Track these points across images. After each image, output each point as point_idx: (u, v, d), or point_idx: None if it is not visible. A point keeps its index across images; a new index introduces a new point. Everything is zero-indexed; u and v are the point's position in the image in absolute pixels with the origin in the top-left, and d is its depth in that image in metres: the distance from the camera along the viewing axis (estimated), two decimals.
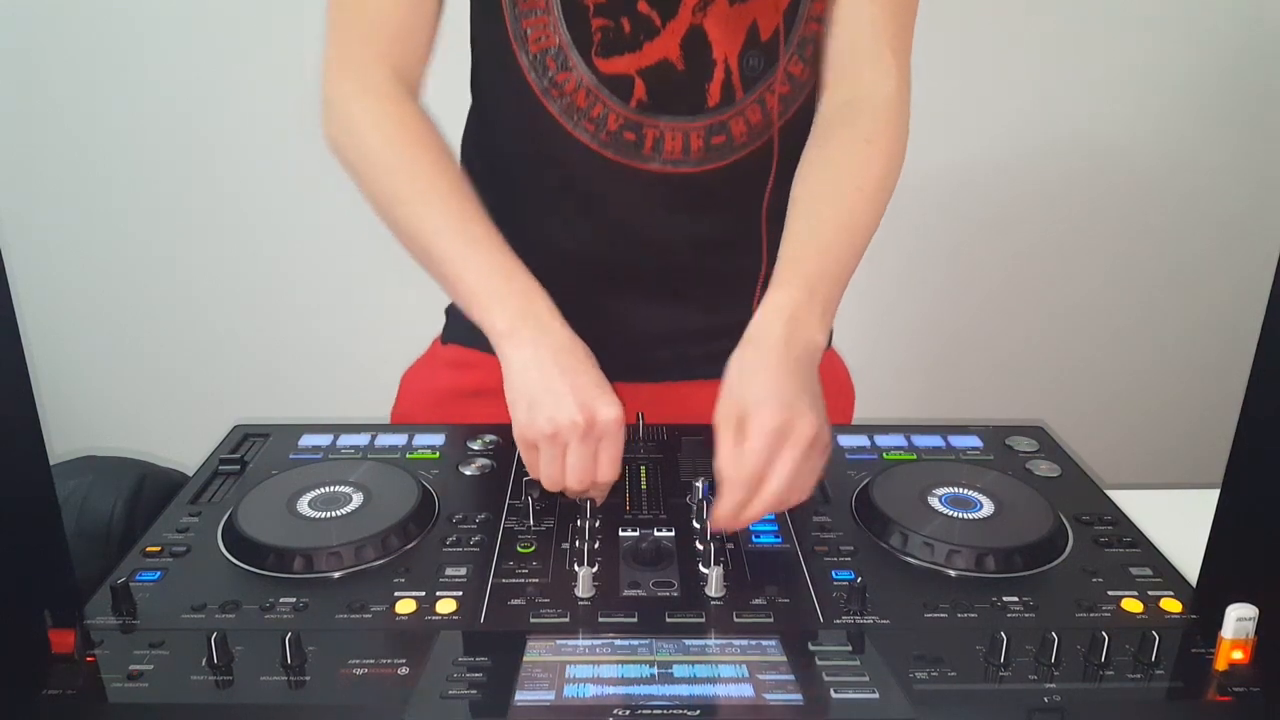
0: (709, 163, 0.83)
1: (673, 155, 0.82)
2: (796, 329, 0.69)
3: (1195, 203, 1.79)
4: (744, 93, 0.81)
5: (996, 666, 0.56)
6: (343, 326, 1.79)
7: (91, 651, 0.57)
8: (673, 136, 0.81)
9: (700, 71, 0.80)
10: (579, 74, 0.79)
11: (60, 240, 1.74)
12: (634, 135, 0.81)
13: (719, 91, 0.80)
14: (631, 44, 0.78)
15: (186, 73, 1.62)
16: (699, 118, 0.81)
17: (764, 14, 0.79)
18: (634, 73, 0.79)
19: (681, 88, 0.80)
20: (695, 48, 0.79)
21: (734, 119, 0.82)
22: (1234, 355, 1.05)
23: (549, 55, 0.79)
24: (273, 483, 0.75)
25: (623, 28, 0.78)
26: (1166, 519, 0.73)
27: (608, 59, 0.79)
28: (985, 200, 1.75)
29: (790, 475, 0.64)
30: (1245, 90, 1.72)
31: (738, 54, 0.80)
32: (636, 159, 0.82)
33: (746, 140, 0.83)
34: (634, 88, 0.80)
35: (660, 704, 0.53)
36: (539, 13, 0.78)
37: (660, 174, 0.83)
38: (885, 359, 1.84)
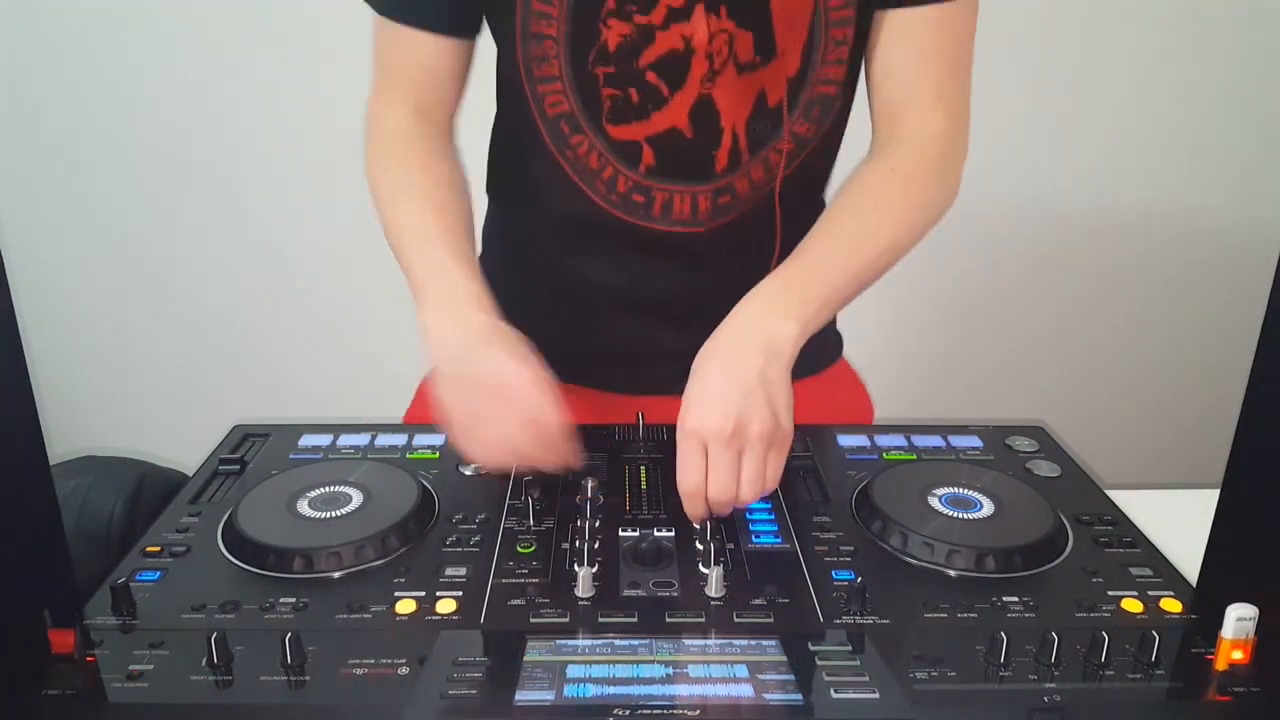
0: (715, 220, 0.84)
1: (681, 217, 0.84)
2: (761, 319, 0.70)
3: (1195, 203, 1.79)
4: (750, 156, 0.82)
5: (996, 666, 0.56)
6: (343, 326, 1.79)
7: (91, 651, 0.57)
8: (681, 199, 0.83)
9: (708, 139, 0.81)
10: (591, 138, 0.81)
11: (60, 240, 1.74)
12: (643, 198, 0.83)
13: (726, 158, 0.82)
14: (640, 113, 0.80)
15: (187, 73, 1.62)
16: (706, 182, 0.83)
17: (771, 82, 0.80)
18: (643, 139, 0.81)
19: (689, 155, 0.81)
20: (703, 116, 0.80)
21: (738, 179, 0.83)
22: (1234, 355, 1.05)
23: (563, 120, 0.81)
24: (273, 483, 0.75)
25: (631, 97, 0.79)
26: (1166, 519, 0.73)
27: (618, 126, 0.80)
28: (986, 201, 1.75)
29: (737, 479, 0.68)
30: (1245, 92, 1.72)
31: (745, 121, 0.81)
32: (645, 219, 0.84)
33: (749, 196, 0.84)
34: (643, 153, 0.81)
35: (660, 704, 0.53)
36: (553, 79, 0.79)
37: (669, 232, 0.85)
38: (885, 359, 1.84)
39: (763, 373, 0.68)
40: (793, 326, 0.70)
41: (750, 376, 0.68)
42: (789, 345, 0.70)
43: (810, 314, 0.71)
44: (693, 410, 0.68)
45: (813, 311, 0.72)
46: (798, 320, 0.70)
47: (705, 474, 0.68)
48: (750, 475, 0.68)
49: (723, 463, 0.67)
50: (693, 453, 0.68)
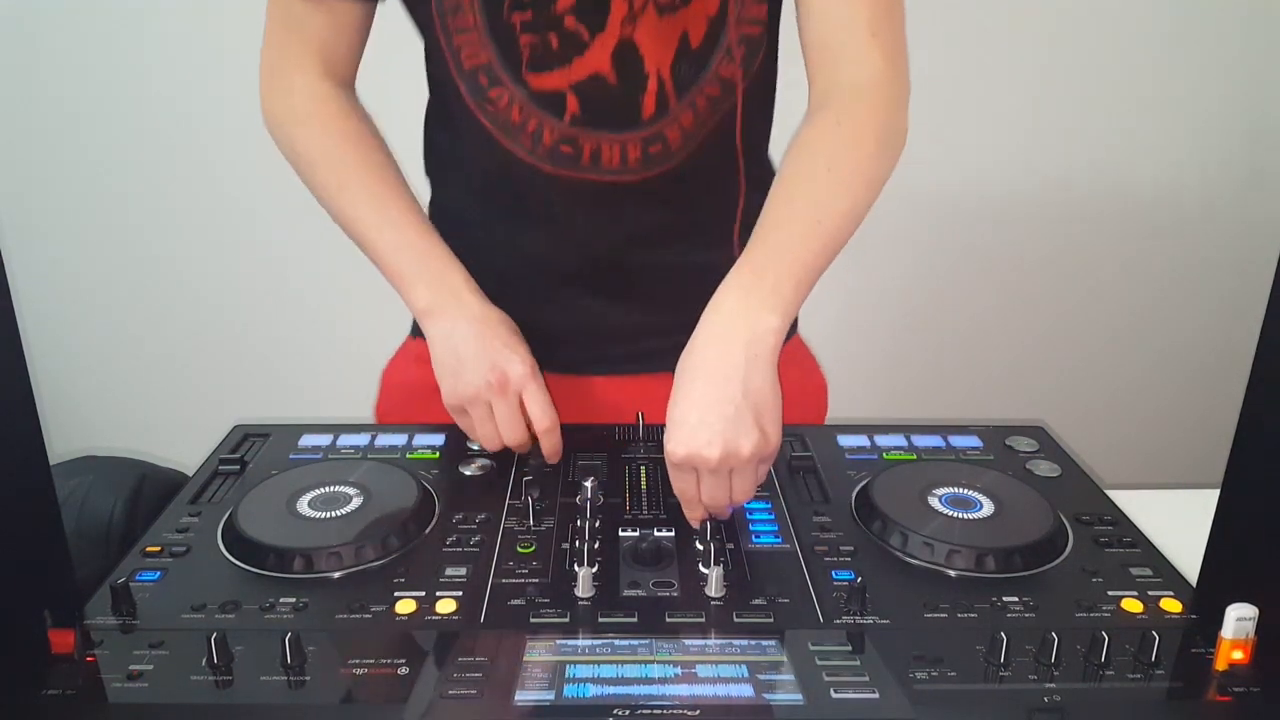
0: (648, 170, 0.83)
1: (611, 165, 0.82)
2: (739, 315, 0.68)
3: (1195, 203, 1.79)
4: (677, 100, 0.81)
5: (996, 666, 0.56)
6: (343, 327, 1.78)
7: (91, 651, 0.57)
8: (610, 148, 0.81)
9: (633, 84, 0.79)
10: (511, 90, 0.79)
11: (60, 240, 1.74)
12: (570, 149, 0.81)
13: (653, 102, 0.80)
14: (561, 59, 0.78)
15: (186, 72, 1.62)
16: (635, 129, 0.81)
17: (693, 23, 0.78)
18: (566, 88, 0.79)
19: (615, 101, 0.80)
20: (626, 61, 0.78)
21: (668, 126, 0.81)
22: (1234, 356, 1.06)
23: (480, 72, 0.79)
24: (273, 483, 0.75)
25: (550, 43, 0.77)
26: (1166, 519, 0.73)
27: (538, 75, 0.78)
28: (986, 201, 1.75)
29: (729, 492, 0.69)
30: (1246, 93, 1.72)
31: (670, 65, 0.79)
32: (575, 170, 0.82)
33: (682, 145, 0.82)
34: (567, 102, 0.79)
35: (660, 704, 0.53)
36: (468, 30, 0.78)
37: (600, 183, 0.83)
38: (886, 359, 1.84)
39: (747, 382, 0.66)
40: (773, 317, 0.68)
41: (735, 392, 0.66)
42: (771, 338, 0.68)
43: (788, 299, 0.69)
44: (678, 439, 0.66)
45: (789, 296, 0.69)
46: (776, 310, 0.68)
47: (698, 489, 0.68)
48: (743, 489, 0.69)
49: (714, 484, 0.68)
50: (684, 478, 0.69)
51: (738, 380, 0.66)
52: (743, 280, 0.70)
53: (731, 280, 0.71)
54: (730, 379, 0.66)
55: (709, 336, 0.69)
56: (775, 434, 0.68)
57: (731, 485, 0.68)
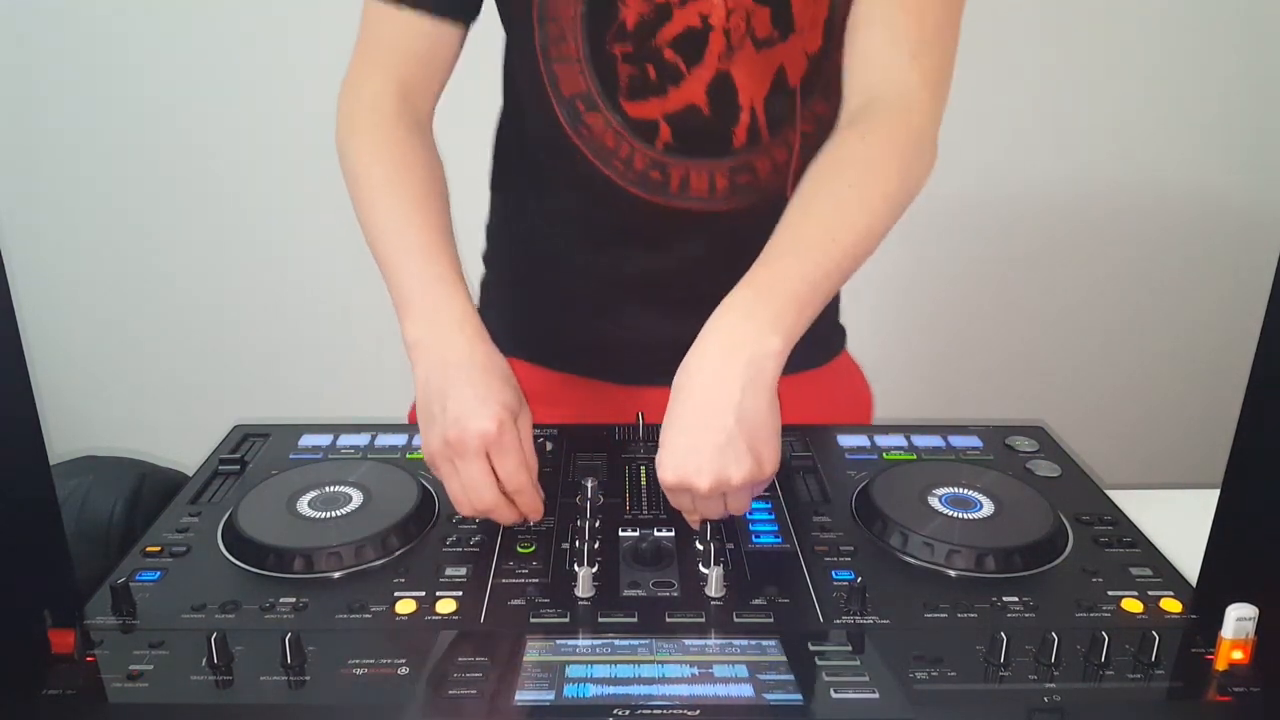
0: (734, 200, 0.84)
1: (699, 193, 0.83)
2: (738, 336, 0.65)
3: (1195, 203, 1.79)
4: (769, 135, 0.82)
5: (996, 666, 0.56)
6: (343, 327, 1.79)
7: (91, 651, 0.57)
8: (698, 175, 0.82)
9: (726, 116, 0.80)
10: (607, 116, 0.81)
11: (60, 240, 1.74)
12: (660, 175, 0.82)
13: (744, 134, 0.81)
14: (658, 90, 0.79)
15: (187, 73, 1.62)
16: (724, 158, 0.82)
17: (791, 59, 0.79)
18: (660, 117, 0.80)
19: (707, 131, 0.81)
20: (721, 94, 0.79)
21: (759, 158, 0.82)
22: (1234, 356, 1.05)
23: (579, 99, 0.80)
24: (273, 483, 0.75)
25: (649, 74, 0.79)
26: (1166, 519, 0.73)
27: (634, 103, 0.80)
28: (986, 201, 1.75)
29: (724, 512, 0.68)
30: (1246, 94, 1.72)
31: (764, 99, 0.80)
32: (663, 196, 0.83)
33: (772, 177, 0.83)
34: (659, 131, 0.80)
35: (660, 704, 0.53)
36: (569, 60, 0.79)
37: (687, 210, 0.83)
38: (886, 359, 1.83)
39: (742, 407, 0.63)
40: (774, 340, 0.64)
41: (728, 418, 0.63)
42: (771, 362, 0.64)
43: (790, 322, 0.65)
44: (668, 465, 0.64)
45: (792, 318, 0.66)
46: (777, 332, 0.64)
47: (694, 505, 0.68)
48: (737, 508, 0.68)
49: (708, 505, 0.67)
50: (677, 497, 0.68)
51: (731, 407, 0.63)
52: (747, 297, 0.67)
53: (735, 297, 0.67)
54: (724, 405, 0.63)
55: (707, 354, 0.65)
56: (770, 461, 0.65)
57: (727, 504, 0.67)
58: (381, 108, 0.80)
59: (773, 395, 0.65)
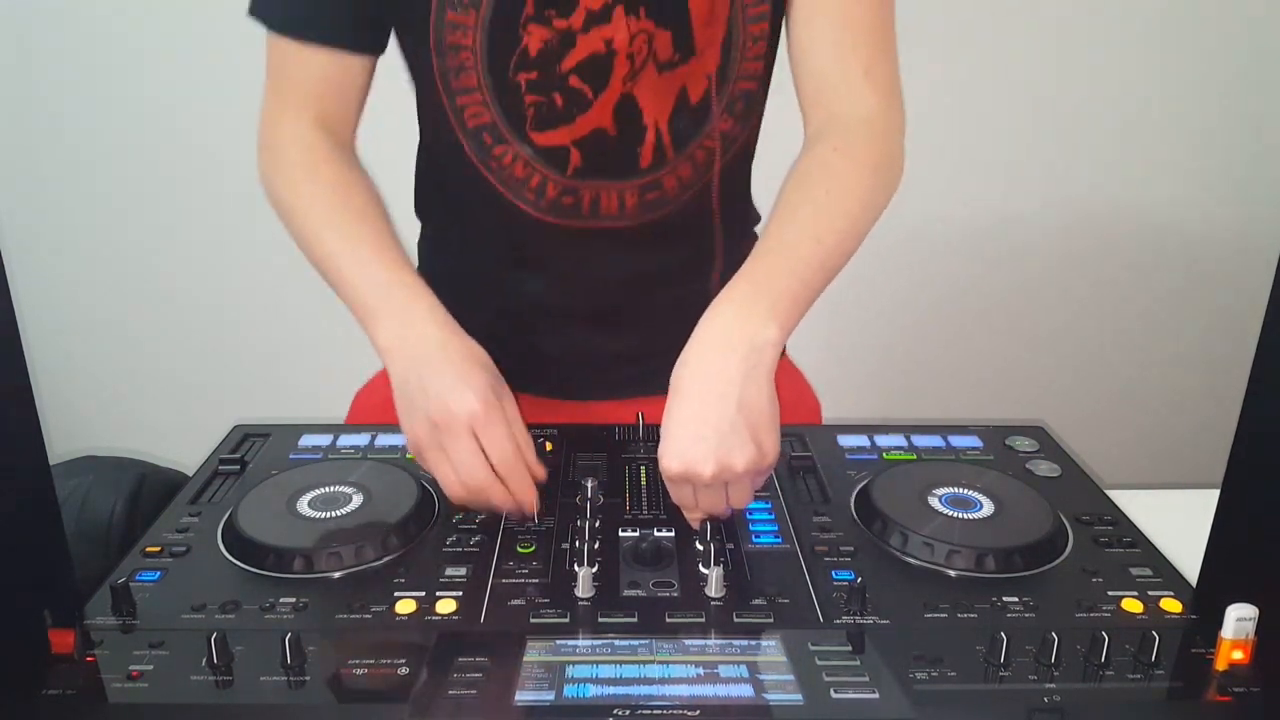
0: (646, 216, 0.84)
1: (609, 213, 0.84)
2: (737, 326, 0.66)
3: (1196, 204, 1.79)
4: (675, 153, 0.82)
5: (996, 666, 0.56)
6: (343, 326, 1.78)
7: (91, 651, 0.57)
8: (608, 196, 0.83)
9: (632, 137, 0.81)
10: (515, 148, 0.80)
11: (60, 240, 1.74)
12: (572, 199, 0.83)
13: (650, 154, 0.82)
14: (565, 117, 0.79)
15: (186, 72, 1.62)
16: (631, 178, 0.82)
17: (693, 79, 0.80)
18: (569, 143, 0.80)
19: (614, 153, 0.81)
20: (626, 115, 0.80)
21: (666, 176, 0.83)
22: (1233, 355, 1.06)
23: (485, 131, 0.80)
24: (273, 483, 0.75)
25: (555, 102, 0.79)
26: (1166, 519, 0.73)
27: (542, 133, 0.80)
28: (986, 202, 1.75)
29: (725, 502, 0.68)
30: (1246, 95, 1.72)
31: (668, 118, 0.81)
32: (576, 219, 0.84)
33: (679, 193, 0.84)
34: (569, 157, 0.81)
35: (660, 704, 0.53)
36: (472, 90, 0.79)
37: (600, 229, 0.84)
38: (886, 359, 1.84)
39: (743, 395, 0.64)
40: (771, 329, 0.66)
41: (730, 406, 0.64)
42: (770, 350, 0.66)
43: (785, 313, 0.68)
44: (672, 453, 0.65)
45: (786, 310, 0.68)
46: (774, 322, 0.67)
47: (695, 498, 0.68)
48: (739, 499, 0.68)
49: (710, 496, 0.67)
50: (680, 488, 0.68)
51: (734, 394, 0.64)
52: (741, 292, 0.69)
53: (729, 292, 0.69)
54: (726, 393, 0.64)
55: (705, 347, 0.67)
56: (772, 448, 0.66)
57: (728, 495, 0.68)
58: (305, 139, 0.80)
59: (771, 384, 0.67)
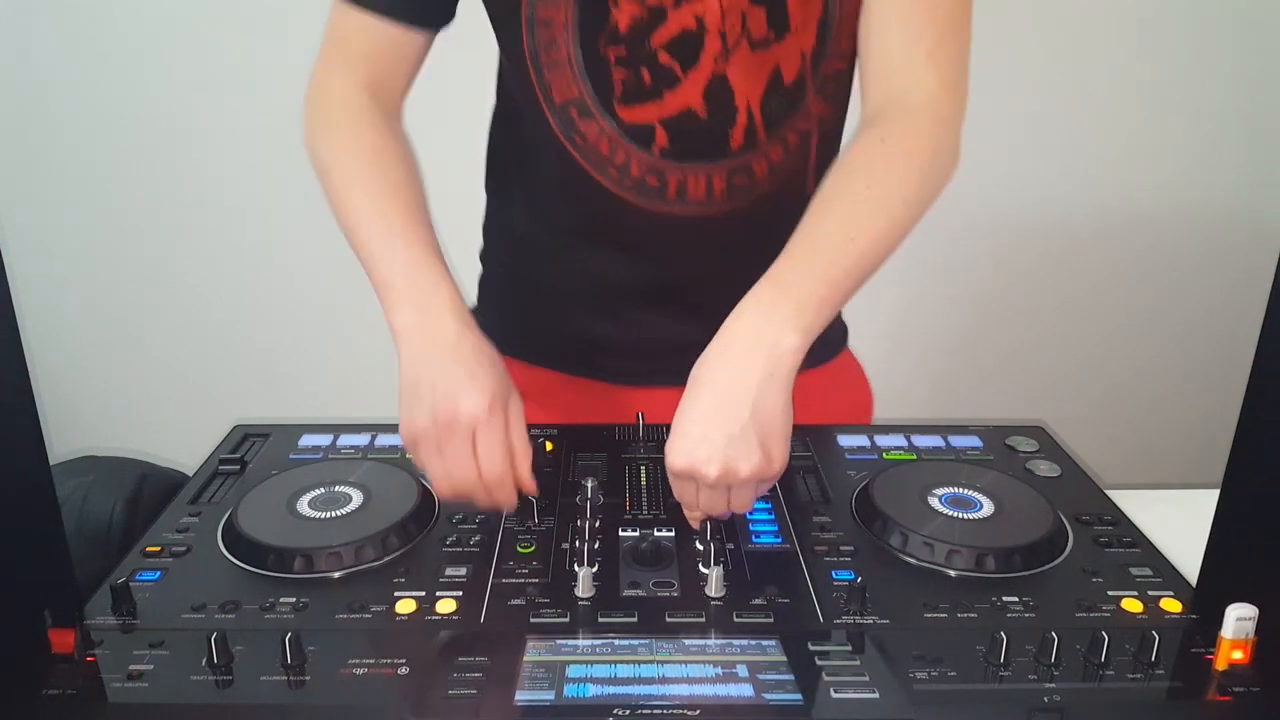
0: (732, 202, 0.83)
1: (696, 197, 0.82)
2: (759, 331, 0.66)
3: (1195, 203, 1.79)
4: (766, 135, 0.81)
5: (996, 666, 0.56)
6: (343, 326, 1.79)
7: (91, 651, 0.57)
8: (695, 180, 0.81)
9: (723, 118, 0.79)
10: (601, 123, 0.79)
11: (60, 240, 1.74)
12: (657, 181, 0.81)
13: (742, 136, 0.80)
14: (653, 94, 0.78)
15: (186, 73, 1.62)
16: (721, 161, 0.81)
17: (787, 58, 0.78)
18: (656, 121, 0.79)
19: (704, 135, 0.80)
20: (717, 96, 0.78)
21: (756, 159, 0.82)
22: (1234, 355, 1.05)
23: (572, 105, 0.79)
24: (273, 483, 0.75)
25: (643, 78, 0.78)
26: (1166, 519, 0.73)
27: (630, 108, 0.79)
28: (985, 201, 1.75)
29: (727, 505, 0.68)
30: (1245, 92, 1.72)
31: (760, 99, 0.79)
32: (660, 203, 0.82)
33: (767, 179, 0.83)
34: (656, 136, 0.80)
35: (660, 704, 0.53)
36: (561, 65, 0.78)
37: (685, 216, 0.83)
38: (885, 359, 1.83)
39: (758, 402, 0.64)
40: (794, 336, 0.65)
41: (743, 411, 0.64)
42: (789, 358, 0.65)
43: (809, 319, 0.66)
44: (679, 450, 0.65)
45: (811, 316, 0.67)
46: (797, 329, 0.65)
47: (697, 497, 0.68)
48: (741, 503, 0.68)
49: (712, 496, 0.67)
50: (683, 486, 0.68)
51: (748, 399, 0.64)
52: (767, 295, 0.68)
53: (755, 294, 0.68)
54: (741, 397, 0.64)
55: (726, 348, 0.66)
56: (780, 457, 0.66)
57: (730, 498, 0.67)
58: (351, 103, 0.79)
59: (789, 392, 0.66)
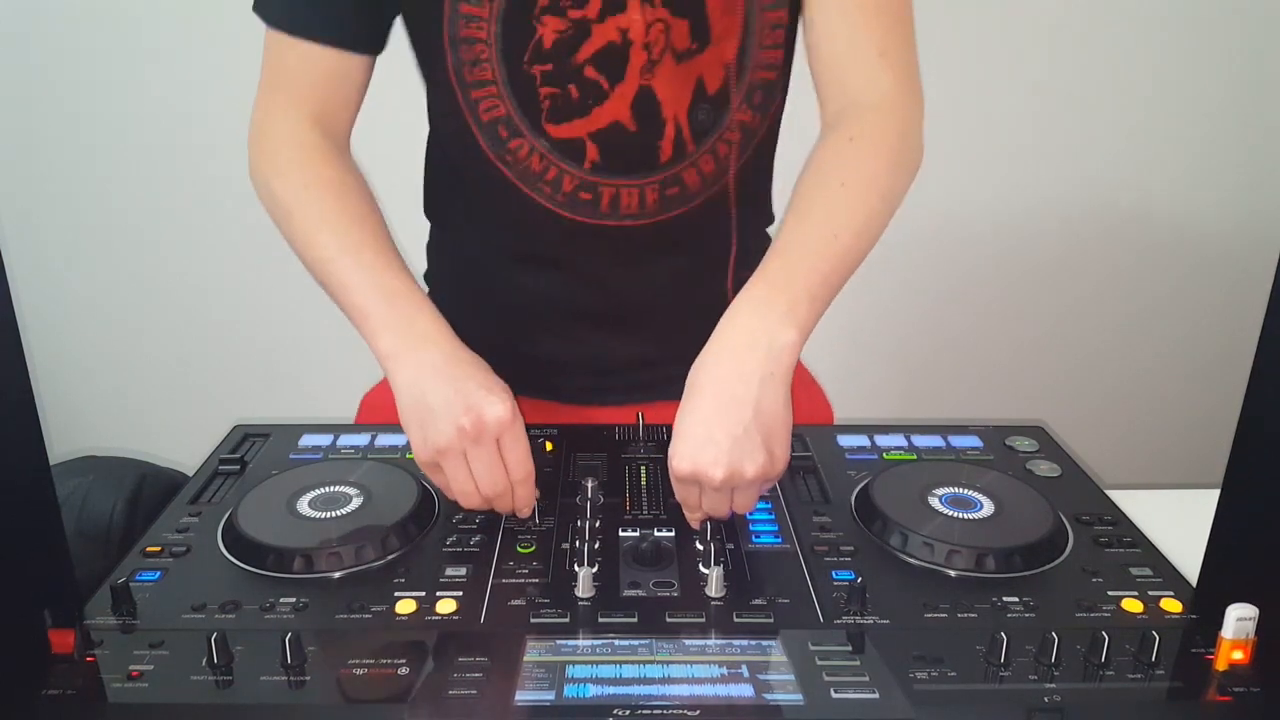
0: (665, 213, 0.83)
1: (630, 210, 0.83)
2: (756, 329, 0.66)
3: (1195, 203, 1.79)
4: (695, 145, 0.81)
5: (996, 666, 0.56)
6: (343, 327, 1.78)
7: (91, 651, 0.57)
8: (629, 194, 0.82)
9: (652, 131, 0.80)
10: (531, 141, 0.80)
11: (60, 240, 1.74)
12: (590, 195, 0.82)
13: (670, 148, 0.81)
14: (580, 109, 0.78)
15: (185, 72, 1.62)
16: (652, 173, 0.81)
17: (710, 69, 0.79)
18: (585, 136, 0.79)
19: (634, 148, 0.80)
20: (645, 108, 0.79)
21: (686, 170, 0.82)
22: (1234, 355, 1.06)
23: (500, 124, 0.80)
24: (273, 483, 0.75)
25: (570, 94, 0.78)
26: (1166, 519, 0.73)
27: (558, 125, 0.79)
28: (985, 201, 1.75)
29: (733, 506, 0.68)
30: (1245, 92, 1.72)
31: (686, 110, 0.80)
32: (594, 216, 0.83)
33: (700, 189, 0.83)
34: (586, 150, 0.80)
35: (660, 704, 0.53)
36: (487, 83, 0.78)
37: (619, 228, 0.83)
38: (885, 359, 1.84)
39: (759, 402, 0.64)
40: (791, 333, 0.66)
41: (746, 412, 0.64)
42: (788, 355, 0.66)
43: (804, 314, 0.67)
44: (683, 454, 0.65)
45: (805, 311, 0.67)
46: (793, 325, 0.66)
47: (699, 498, 0.68)
48: (744, 504, 0.68)
49: (715, 498, 0.67)
50: (686, 488, 0.68)
51: (750, 400, 0.64)
52: (759, 294, 0.68)
53: (747, 294, 0.68)
54: (743, 398, 0.64)
55: (723, 350, 0.67)
56: (783, 456, 0.66)
57: (733, 499, 0.68)
58: (300, 137, 0.79)
59: (788, 389, 0.66)
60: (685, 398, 0.67)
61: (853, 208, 0.72)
